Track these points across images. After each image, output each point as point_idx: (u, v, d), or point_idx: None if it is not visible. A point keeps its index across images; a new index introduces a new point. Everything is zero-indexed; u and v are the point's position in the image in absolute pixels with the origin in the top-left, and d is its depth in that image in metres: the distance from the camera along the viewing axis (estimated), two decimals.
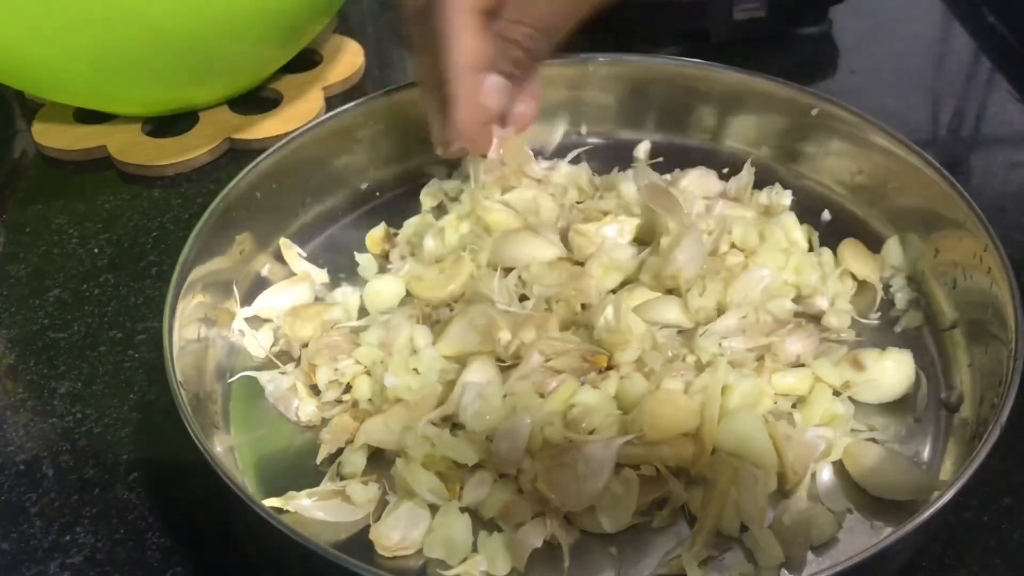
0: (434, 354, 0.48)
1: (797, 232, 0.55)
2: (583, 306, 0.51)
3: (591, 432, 0.44)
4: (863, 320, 0.52)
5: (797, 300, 0.52)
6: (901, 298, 0.53)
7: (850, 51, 0.76)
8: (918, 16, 0.81)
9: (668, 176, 0.60)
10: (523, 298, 0.52)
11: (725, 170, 0.61)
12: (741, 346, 0.48)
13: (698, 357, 0.48)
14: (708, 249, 0.52)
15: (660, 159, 0.62)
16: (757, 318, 0.49)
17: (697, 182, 0.59)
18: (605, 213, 0.56)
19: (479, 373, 0.46)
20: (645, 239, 0.55)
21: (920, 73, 0.75)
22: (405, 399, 0.47)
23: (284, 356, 0.52)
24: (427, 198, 0.61)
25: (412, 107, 0.61)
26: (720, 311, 0.50)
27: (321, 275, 0.56)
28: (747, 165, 0.59)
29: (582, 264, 0.53)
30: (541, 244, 0.53)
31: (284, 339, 0.52)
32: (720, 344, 0.48)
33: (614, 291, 0.52)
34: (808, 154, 0.61)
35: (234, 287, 0.53)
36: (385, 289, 0.54)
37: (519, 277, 0.53)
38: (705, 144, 0.64)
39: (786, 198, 0.58)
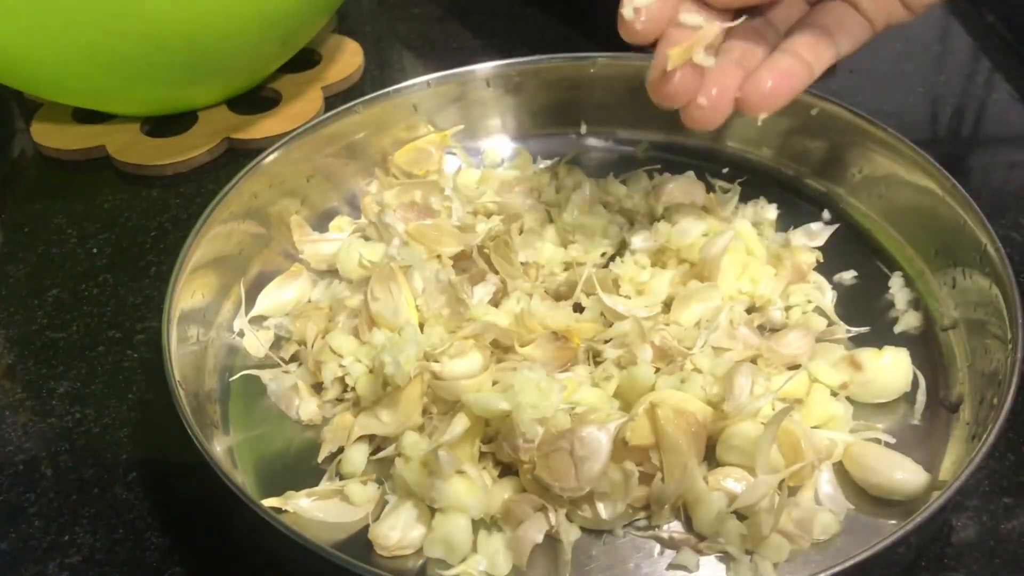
0: (420, 337, 0.48)
1: (754, 241, 0.54)
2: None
3: None
4: (855, 329, 0.52)
5: (751, 310, 0.52)
6: (901, 298, 0.53)
7: None
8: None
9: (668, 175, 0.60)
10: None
11: (725, 170, 0.61)
12: (735, 356, 0.48)
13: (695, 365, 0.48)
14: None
15: (659, 164, 0.62)
16: (732, 332, 0.49)
17: (682, 189, 0.58)
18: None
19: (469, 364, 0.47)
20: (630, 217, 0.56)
21: (920, 73, 0.75)
22: (399, 384, 0.46)
23: (286, 354, 0.52)
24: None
25: (412, 107, 0.62)
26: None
27: (327, 254, 0.55)
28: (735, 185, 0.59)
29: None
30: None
31: (288, 336, 0.52)
32: (711, 349, 0.48)
33: (605, 266, 0.53)
34: (808, 154, 0.61)
35: (234, 287, 0.53)
36: (356, 251, 0.53)
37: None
38: (705, 144, 0.64)
39: (771, 212, 0.57)
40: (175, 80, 0.66)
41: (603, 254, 0.54)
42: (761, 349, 0.48)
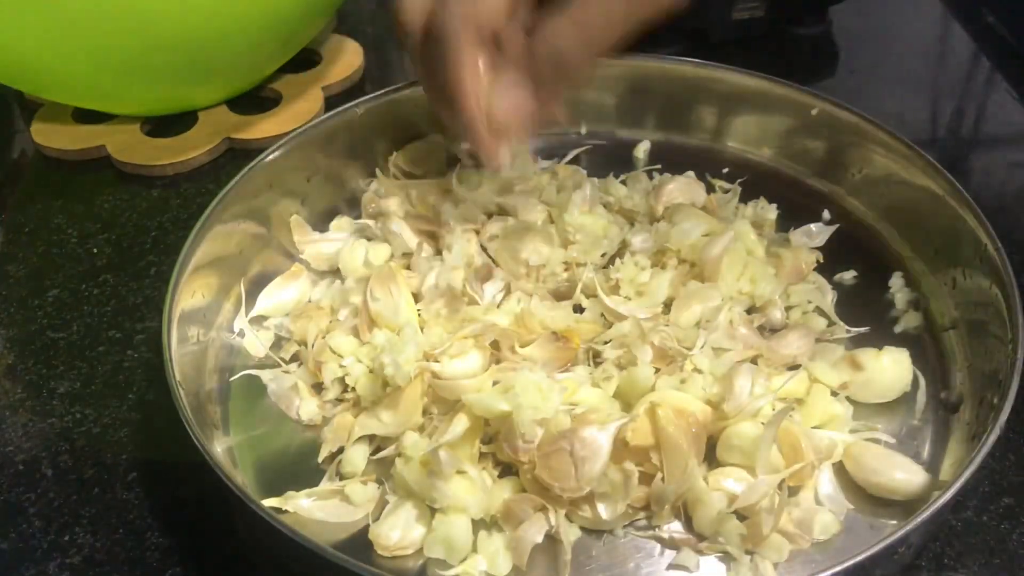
0: (420, 337, 0.48)
1: (754, 241, 0.54)
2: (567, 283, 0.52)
3: None
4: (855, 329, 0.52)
5: (751, 310, 0.52)
6: (901, 298, 0.53)
7: (850, 51, 0.76)
8: (918, 16, 0.81)
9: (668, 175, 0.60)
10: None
11: (725, 170, 0.61)
12: (735, 357, 0.48)
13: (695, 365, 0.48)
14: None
15: (659, 164, 0.62)
16: (732, 332, 0.49)
17: (682, 189, 0.58)
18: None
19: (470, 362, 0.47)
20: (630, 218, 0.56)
21: (920, 73, 0.75)
22: (399, 385, 0.46)
23: (286, 354, 0.52)
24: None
25: (411, 107, 0.62)
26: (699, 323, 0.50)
27: (328, 254, 0.56)
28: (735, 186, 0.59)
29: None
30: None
31: (288, 336, 0.52)
32: (711, 349, 0.48)
33: (605, 266, 0.53)
34: (808, 154, 0.61)
35: (234, 287, 0.53)
36: (358, 252, 0.54)
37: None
38: (705, 144, 0.64)
39: (771, 212, 0.57)
40: (175, 80, 0.66)
41: (603, 254, 0.54)
42: (761, 349, 0.48)
